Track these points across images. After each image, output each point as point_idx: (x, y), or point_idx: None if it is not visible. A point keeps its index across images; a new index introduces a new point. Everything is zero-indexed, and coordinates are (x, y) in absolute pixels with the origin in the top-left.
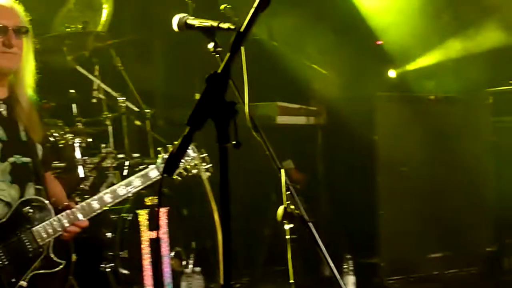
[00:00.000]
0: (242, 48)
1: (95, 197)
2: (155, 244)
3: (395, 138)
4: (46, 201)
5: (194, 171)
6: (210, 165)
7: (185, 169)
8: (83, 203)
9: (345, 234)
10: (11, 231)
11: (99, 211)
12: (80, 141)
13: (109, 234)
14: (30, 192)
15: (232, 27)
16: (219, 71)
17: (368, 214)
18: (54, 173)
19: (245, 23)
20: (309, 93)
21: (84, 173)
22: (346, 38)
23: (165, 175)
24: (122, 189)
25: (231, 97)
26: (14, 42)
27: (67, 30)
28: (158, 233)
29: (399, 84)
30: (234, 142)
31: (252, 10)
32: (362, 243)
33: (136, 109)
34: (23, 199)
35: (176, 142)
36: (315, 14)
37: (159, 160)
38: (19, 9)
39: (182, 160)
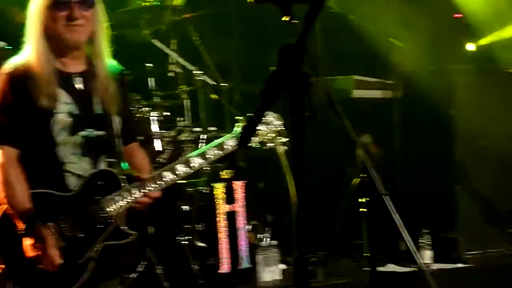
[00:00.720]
0: (316, 21)
1: (167, 167)
2: (231, 217)
3: (474, 112)
4: (118, 173)
5: (270, 144)
6: (287, 139)
7: (261, 142)
8: (155, 173)
9: (422, 208)
10: (82, 203)
11: (172, 182)
12: (157, 115)
13: (185, 207)
14: (103, 165)
15: None
16: (294, 43)
17: (445, 188)
18: None
19: None
20: (386, 66)
21: (161, 146)
22: (424, 10)
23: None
24: (197, 160)
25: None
26: (78, 14)
27: (144, 3)
28: (234, 207)
29: (478, 58)
30: (308, 115)
31: None
32: (440, 217)
33: (213, 82)
34: (93, 171)
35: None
36: None
37: (236, 130)
38: None
39: (265, 128)
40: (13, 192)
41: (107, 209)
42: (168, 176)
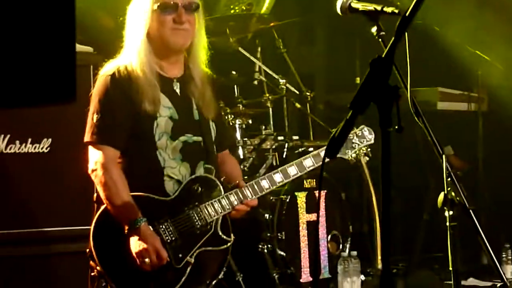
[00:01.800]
0: (406, 33)
1: (265, 175)
2: (312, 227)
3: None
4: (216, 179)
5: (354, 155)
6: (369, 149)
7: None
8: (253, 182)
9: (505, 222)
10: (180, 208)
11: (268, 190)
12: (240, 122)
13: (267, 215)
14: (200, 171)
15: (396, 11)
16: (383, 55)
17: None
18: None
19: (410, 7)
20: (471, 79)
21: (244, 154)
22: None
23: (327, 158)
24: (293, 169)
25: (393, 81)
26: (185, 18)
27: (231, 12)
28: (316, 216)
29: None
30: (396, 127)
31: None
32: None
33: (297, 91)
34: (192, 176)
35: (339, 125)
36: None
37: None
38: None
39: (358, 141)
40: (116, 191)
41: (206, 215)
42: (265, 184)
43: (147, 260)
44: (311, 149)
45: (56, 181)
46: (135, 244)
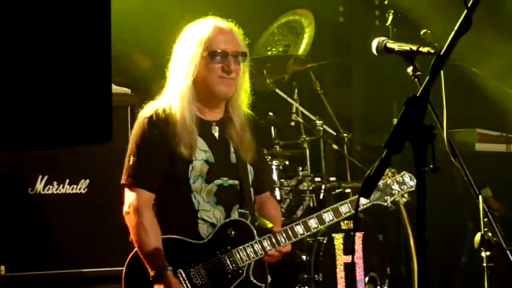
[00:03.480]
0: (442, 72)
1: (300, 221)
2: (349, 268)
3: None
4: (249, 224)
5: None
6: (394, 187)
7: (393, 201)
8: (287, 227)
9: None
10: (212, 252)
11: (302, 236)
12: (277, 164)
13: (304, 257)
14: (235, 215)
15: (432, 51)
16: (418, 94)
17: None
18: None
19: (445, 46)
20: (510, 120)
21: (281, 195)
22: None
23: (361, 198)
24: (329, 215)
25: (430, 121)
26: (233, 68)
27: (268, 53)
28: (353, 258)
29: None
30: (431, 166)
31: (453, 33)
32: None
33: (334, 133)
34: (226, 220)
35: (374, 165)
36: None
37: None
38: (239, 33)
39: (398, 188)
40: (146, 237)
41: (237, 260)
42: (299, 230)
43: None
44: (348, 190)
45: (93, 222)
46: None
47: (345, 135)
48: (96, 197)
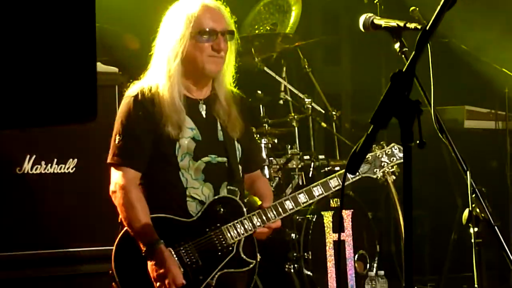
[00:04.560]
0: (429, 48)
1: (289, 196)
2: (339, 246)
3: None
4: (239, 200)
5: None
6: (397, 167)
7: (383, 173)
8: (276, 203)
9: None
10: (202, 229)
11: (292, 211)
12: (266, 142)
13: (293, 235)
14: (224, 192)
15: (419, 27)
16: (404, 69)
17: None
18: None
19: (431, 21)
20: (499, 97)
21: (270, 173)
22: None
23: (348, 173)
24: (318, 189)
25: (419, 98)
26: (222, 46)
27: (256, 31)
28: (342, 236)
29: None
30: (418, 142)
31: (438, 8)
32: None
33: (323, 111)
34: (215, 197)
35: (360, 140)
36: (508, 19)
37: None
38: (226, 11)
39: (387, 160)
40: (135, 213)
41: (227, 236)
42: (289, 205)
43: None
44: (337, 168)
45: (82, 202)
46: (151, 269)
47: (334, 113)
48: (84, 176)
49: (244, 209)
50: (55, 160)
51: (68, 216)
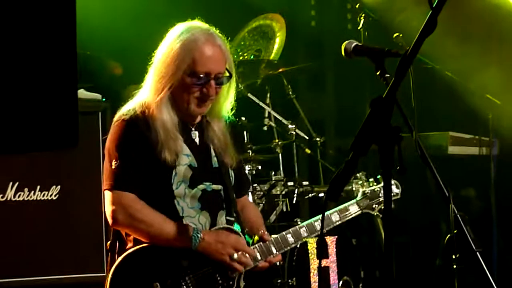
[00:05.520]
0: (410, 74)
1: (290, 230)
2: (323, 272)
3: None
4: (239, 232)
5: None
6: (381, 195)
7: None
8: (278, 236)
9: None
10: (202, 261)
11: (293, 245)
12: (250, 168)
13: (278, 262)
14: (222, 220)
15: (401, 52)
16: (384, 95)
17: None
18: None
19: (411, 47)
20: (483, 123)
21: (254, 200)
22: None
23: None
24: (318, 224)
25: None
26: (212, 92)
27: (240, 58)
28: (326, 262)
29: None
30: (398, 168)
31: (418, 34)
32: None
33: (307, 137)
34: (216, 227)
35: (340, 167)
36: (490, 43)
37: (359, 194)
38: (227, 48)
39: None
40: (149, 225)
41: (228, 271)
42: (291, 239)
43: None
44: (321, 194)
45: (64, 229)
46: (214, 254)
47: (318, 139)
48: (67, 203)
49: (244, 241)
50: (38, 187)
51: (51, 243)
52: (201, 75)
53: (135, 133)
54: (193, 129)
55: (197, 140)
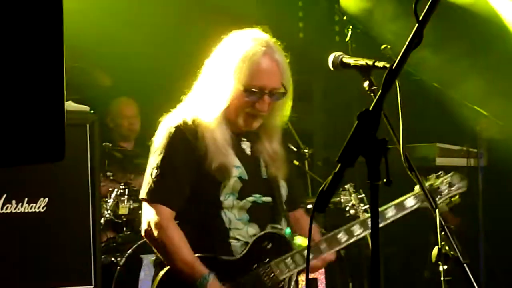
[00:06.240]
0: (397, 86)
1: (342, 228)
2: (311, 284)
3: None
4: (285, 236)
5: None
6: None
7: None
8: (328, 235)
9: (507, 277)
10: (249, 267)
11: (345, 244)
12: None
13: None
14: (268, 230)
15: (387, 65)
16: (370, 108)
17: None
18: None
19: (397, 60)
20: (470, 134)
21: None
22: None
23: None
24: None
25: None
26: (266, 108)
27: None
28: (315, 274)
29: None
30: (385, 180)
31: (405, 47)
32: None
33: (295, 148)
34: (260, 233)
35: (327, 179)
36: (475, 54)
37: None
38: (285, 62)
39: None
40: (176, 249)
41: (277, 273)
42: (342, 237)
43: None
44: (309, 206)
45: (52, 241)
46: None
47: (306, 150)
48: (55, 215)
49: (292, 244)
50: (26, 199)
51: (39, 256)
52: (255, 90)
53: (182, 143)
54: (244, 139)
55: (248, 151)
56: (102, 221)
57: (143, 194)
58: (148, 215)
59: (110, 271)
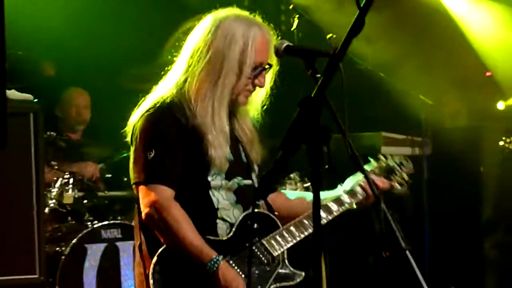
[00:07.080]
0: (342, 74)
1: (322, 206)
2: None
3: (502, 170)
4: (270, 213)
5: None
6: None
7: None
8: (310, 212)
9: (450, 265)
10: (241, 245)
11: (326, 220)
12: None
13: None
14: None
15: (331, 52)
16: (312, 95)
17: (473, 245)
18: None
19: (339, 47)
20: (415, 123)
21: None
22: (455, 68)
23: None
24: (346, 198)
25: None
26: (263, 82)
27: (175, 58)
28: (250, 268)
29: (508, 116)
30: (327, 167)
31: (346, 34)
32: (467, 274)
33: None
34: (245, 213)
35: (269, 167)
36: (422, 44)
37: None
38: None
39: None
40: (184, 231)
41: (270, 250)
42: (323, 213)
43: None
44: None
45: None
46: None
47: None
48: None
49: (278, 221)
50: None
51: None
52: (258, 68)
53: (172, 122)
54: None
55: (229, 132)
56: (46, 210)
57: (139, 178)
58: (148, 198)
59: (55, 261)
